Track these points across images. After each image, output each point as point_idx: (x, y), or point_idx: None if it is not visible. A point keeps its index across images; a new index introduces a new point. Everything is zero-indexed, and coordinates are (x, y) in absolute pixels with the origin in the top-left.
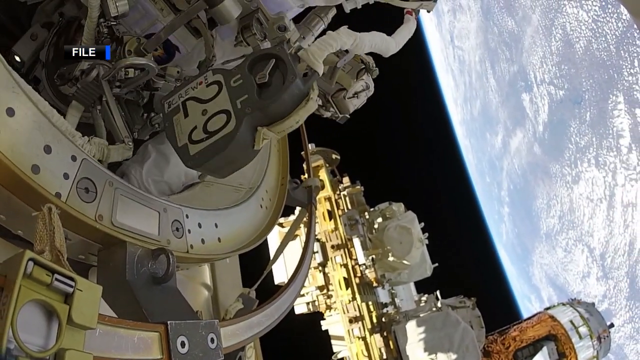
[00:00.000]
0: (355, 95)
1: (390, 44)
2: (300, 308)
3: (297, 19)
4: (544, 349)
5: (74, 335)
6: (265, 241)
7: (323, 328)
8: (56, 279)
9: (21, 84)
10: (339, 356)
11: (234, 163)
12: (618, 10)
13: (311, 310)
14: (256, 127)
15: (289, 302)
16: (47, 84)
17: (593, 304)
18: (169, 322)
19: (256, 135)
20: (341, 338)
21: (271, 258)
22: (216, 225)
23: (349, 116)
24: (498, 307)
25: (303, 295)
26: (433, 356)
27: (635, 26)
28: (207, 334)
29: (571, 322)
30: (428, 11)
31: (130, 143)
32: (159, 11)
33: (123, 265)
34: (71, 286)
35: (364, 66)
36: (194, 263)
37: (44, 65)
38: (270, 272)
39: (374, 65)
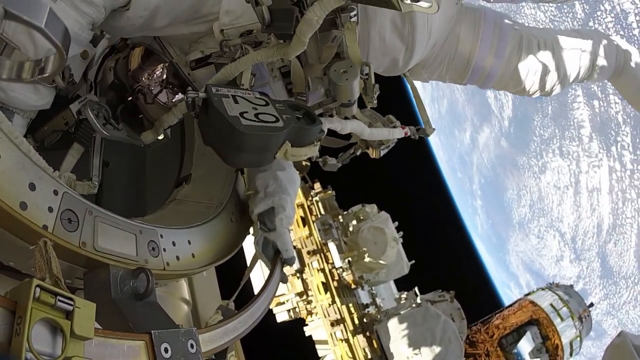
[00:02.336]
0: (387, 146)
1: (364, 131)
2: (281, 316)
3: None
4: (528, 333)
5: (76, 345)
6: (244, 253)
7: (306, 334)
8: (59, 300)
9: (2, 127)
10: None
11: (260, 155)
12: (573, 10)
13: (292, 317)
14: (286, 140)
15: (262, 307)
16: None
17: (571, 285)
18: (152, 331)
19: (282, 146)
20: (325, 342)
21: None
22: (189, 242)
23: None
24: (479, 298)
25: (283, 303)
26: (417, 351)
27: (590, 24)
28: (187, 341)
29: (551, 305)
30: (427, 135)
31: (96, 182)
32: (272, 77)
33: (107, 285)
34: (71, 305)
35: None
36: (171, 279)
37: (92, 87)
38: (250, 281)
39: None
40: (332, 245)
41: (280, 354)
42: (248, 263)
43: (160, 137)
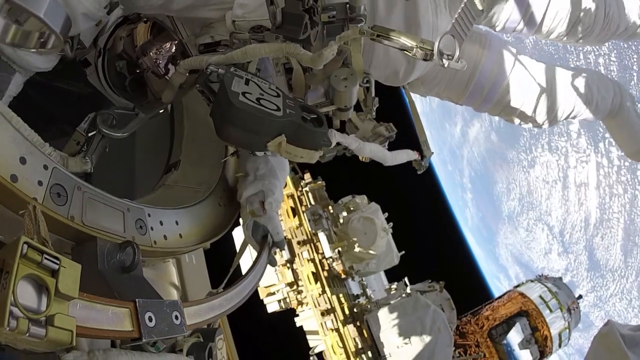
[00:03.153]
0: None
1: (386, 157)
2: (272, 306)
3: None
4: (517, 325)
5: (60, 304)
6: (234, 242)
7: (297, 324)
8: (45, 258)
9: None
10: (316, 350)
11: (250, 136)
12: None
13: (283, 307)
14: (282, 133)
15: (249, 287)
16: (100, 70)
17: (560, 278)
18: (137, 299)
19: (277, 137)
20: (316, 332)
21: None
22: (177, 223)
23: None
24: (470, 289)
25: (273, 293)
26: (407, 340)
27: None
28: (172, 312)
29: (541, 297)
30: (425, 157)
31: (88, 160)
32: (275, 71)
33: (94, 257)
34: (57, 263)
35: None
36: (159, 257)
37: (100, 53)
38: (240, 269)
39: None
40: (322, 236)
41: (272, 345)
42: (237, 247)
43: (161, 111)
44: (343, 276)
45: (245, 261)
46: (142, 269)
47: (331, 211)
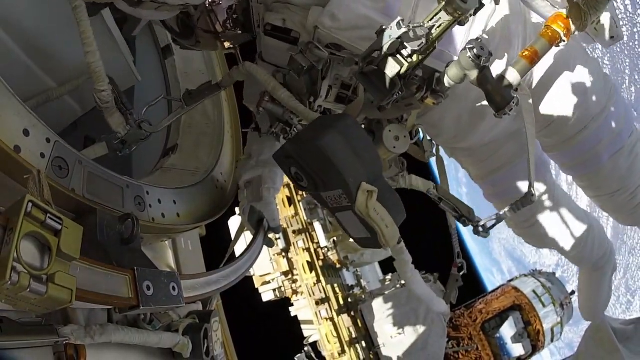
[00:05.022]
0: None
1: (434, 302)
2: (267, 295)
3: None
4: (510, 319)
5: (62, 264)
6: (229, 231)
7: (292, 314)
8: (49, 217)
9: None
10: (310, 340)
11: (349, 153)
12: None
13: (278, 296)
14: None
15: (245, 267)
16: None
17: (554, 273)
18: (136, 267)
19: (368, 184)
20: (311, 322)
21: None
22: (175, 202)
23: None
24: (464, 283)
25: (269, 282)
26: (401, 331)
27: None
28: (169, 282)
29: (534, 291)
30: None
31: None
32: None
33: (95, 228)
34: (60, 224)
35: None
36: (156, 234)
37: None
38: (235, 256)
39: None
40: (317, 225)
41: (267, 334)
42: (232, 236)
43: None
44: (338, 266)
45: (242, 249)
46: (140, 242)
47: None
